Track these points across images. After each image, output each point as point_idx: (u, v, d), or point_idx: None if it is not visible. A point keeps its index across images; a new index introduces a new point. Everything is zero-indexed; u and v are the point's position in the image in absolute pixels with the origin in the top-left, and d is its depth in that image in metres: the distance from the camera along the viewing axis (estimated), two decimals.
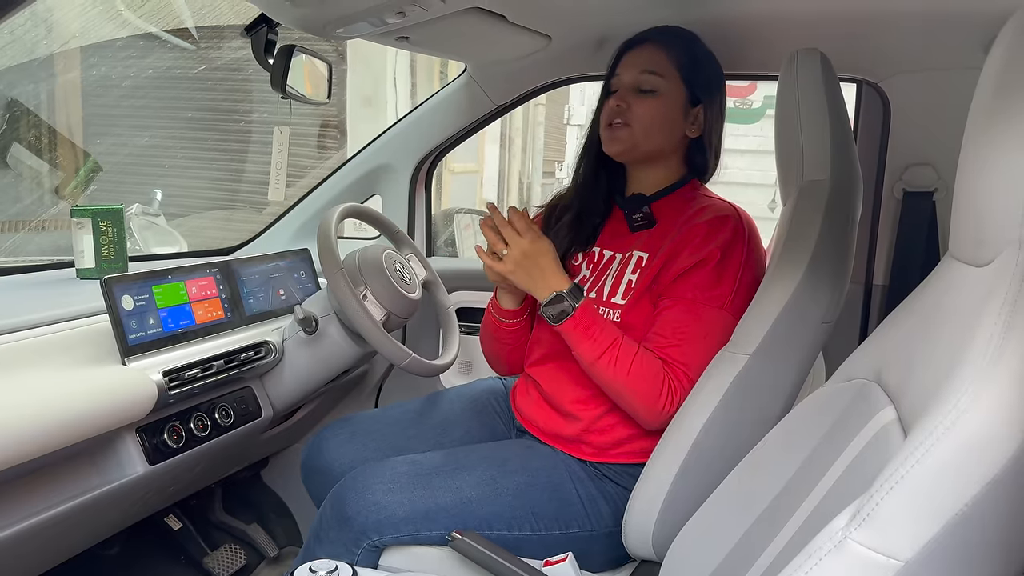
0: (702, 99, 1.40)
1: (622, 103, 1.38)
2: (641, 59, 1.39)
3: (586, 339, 1.28)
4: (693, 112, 1.40)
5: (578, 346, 1.30)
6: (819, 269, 1.22)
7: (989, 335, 0.59)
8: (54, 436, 1.09)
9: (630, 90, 1.39)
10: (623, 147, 1.40)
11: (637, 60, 1.40)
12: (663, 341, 1.30)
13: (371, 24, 1.37)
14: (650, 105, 1.38)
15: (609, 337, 1.28)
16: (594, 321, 1.29)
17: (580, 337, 1.29)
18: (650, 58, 1.39)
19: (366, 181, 2.05)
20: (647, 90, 1.38)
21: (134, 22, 4.54)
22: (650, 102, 1.38)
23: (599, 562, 1.33)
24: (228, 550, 1.92)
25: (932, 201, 1.56)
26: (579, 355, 1.31)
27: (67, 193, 4.38)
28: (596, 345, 1.28)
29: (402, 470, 1.32)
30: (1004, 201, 0.63)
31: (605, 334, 1.29)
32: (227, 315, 1.51)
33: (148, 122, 5.01)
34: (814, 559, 0.62)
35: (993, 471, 0.56)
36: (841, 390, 0.92)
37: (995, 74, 0.66)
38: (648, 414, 1.27)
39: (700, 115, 1.41)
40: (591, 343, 1.28)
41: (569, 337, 1.30)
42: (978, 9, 1.28)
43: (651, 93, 1.38)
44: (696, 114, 1.41)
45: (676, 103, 1.39)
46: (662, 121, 1.38)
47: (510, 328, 1.54)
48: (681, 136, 1.41)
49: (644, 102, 1.38)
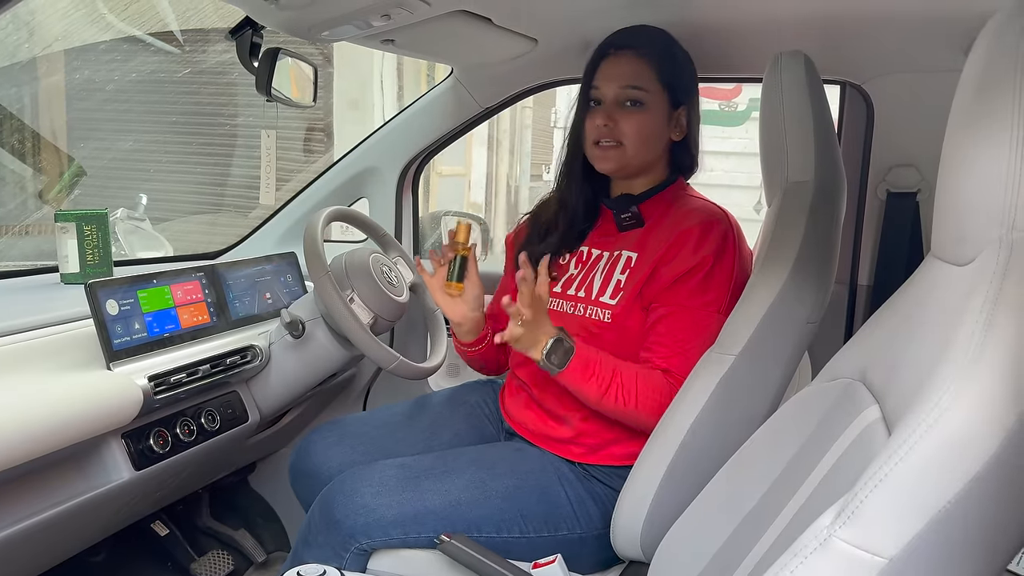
0: (683, 101, 1.41)
1: (609, 122, 1.36)
2: (622, 71, 1.37)
3: (590, 376, 1.26)
4: (675, 115, 1.40)
5: (583, 385, 1.27)
6: (804, 270, 1.23)
7: (970, 333, 0.60)
8: (39, 442, 1.08)
9: (615, 105, 1.37)
10: (616, 165, 1.39)
11: (618, 72, 1.37)
12: (665, 351, 1.30)
13: (356, 27, 1.36)
14: (638, 120, 1.36)
15: (609, 367, 1.27)
16: (591, 355, 1.28)
17: (585, 375, 1.26)
18: (632, 71, 1.36)
19: (353, 184, 2.05)
20: (632, 102, 1.36)
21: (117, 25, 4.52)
22: (637, 117, 1.36)
23: (588, 564, 1.33)
24: (215, 556, 1.91)
25: (915, 202, 1.57)
26: (585, 396, 1.28)
27: (51, 197, 4.35)
28: (600, 381, 1.26)
29: (390, 473, 1.31)
30: (984, 200, 0.64)
31: (604, 366, 1.27)
32: (213, 319, 1.51)
33: (132, 126, 4.98)
34: (799, 558, 0.62)
35: (975, 468, 0.57)
36: (826, 389, 0.93)
37: (974, 75, 0.67)
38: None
39: (682, 117, 1.41)
40: (596, 380, 1.26)
41: (572, 378, 1.27)
42: (958, 13, 1.29)
43: (637, 106, 1.36)
44: (678, 117, 1.41)
45: (661, 112, 1.38)
46: (649, 134, 1.38)
47: (476, 352, 1.56)
48: (667, 142, 1.42)
49: (631, 118, 1.36)
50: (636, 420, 1.29)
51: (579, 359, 1.26)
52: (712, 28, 1.47)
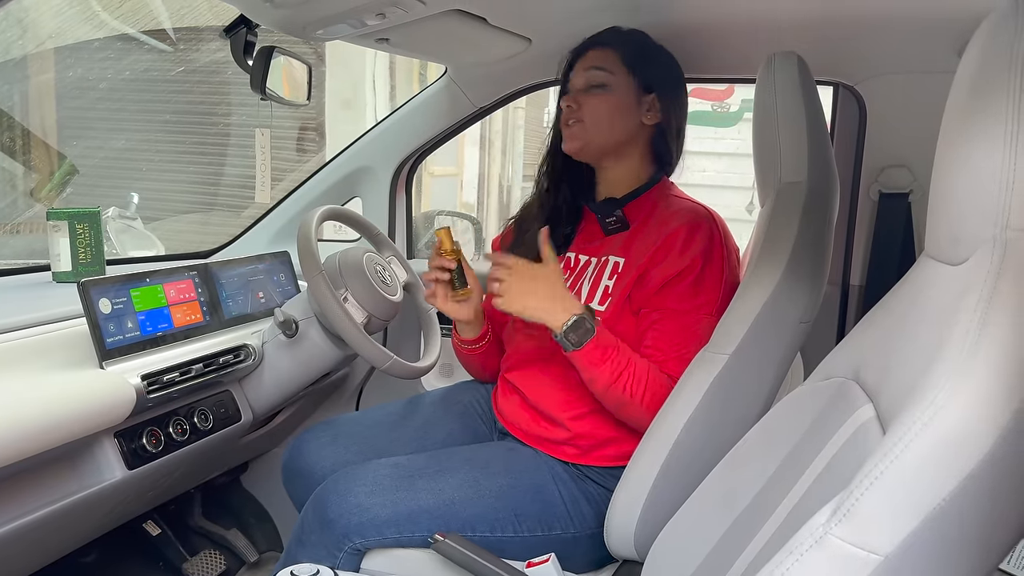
0: (655, 87, 1.42)
1: (573, 103, 1.42)
2: (588, 60, 1.43)
3: (606, 360, 1.25)
4: (647, 100, 1.42)
5: (595, 369, 1.25)
6: (797, 270, 1.23)
7: (965, 331, 0.60)
8: (31, 441, 1.08)
9: (581, 91, 1.42)
10: (580, 143, 1.42)
11: (586, 63, 1.43)
12: (661, 356, 1.30)
13: (351, 26, 1.36)
14: (600, 100, 1.40)
15: (625, 356, 1.26)
16: (610, 341, 1.27)
17: (599, 359, 1.25)
18: (596, 57, 1.42)
19: (346, 184, 2.05)
20: (595, 85, 1.41)
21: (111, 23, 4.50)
22: (599, 96, 1.40)
23: (581, 563, 1.33)
24: (208, 556, 1.91)
25: (907, 202, 1.58)
26: (593, 378, 1.27)
27: (42, 196, 4.33)
28: (615, 366, 1.25)
29: (384, 472, 1.31)
30: (979, 200, 0.64)
31: (622, 354, 1.26)
32: (206, 318, 1.50)
33: (125, 124, 4.96)
34: (795, 555, 0.62)
35: (970, 466, 0.57)
36: (820, 388, 0.93)
37: (969, 75, 0.68)
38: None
39: (655, 102, 1.42)
40: (610, 366, 1.25)
41: (587, 360, 1.25)
42: (950, 14, 1.30)
43: (600, 88, 1.41)
44: (650, 102, 1.42)
45: (626, 93, 1.41)
46: (612, 111, 1.40)
47: (475, 352, 1.56)
48: (638, 123, 1.42)
49: (593, 98, 1.41)
50: (637, 414, 1.28)
51: (598, 342, 1.25)
52: (705, 29, 1.48)
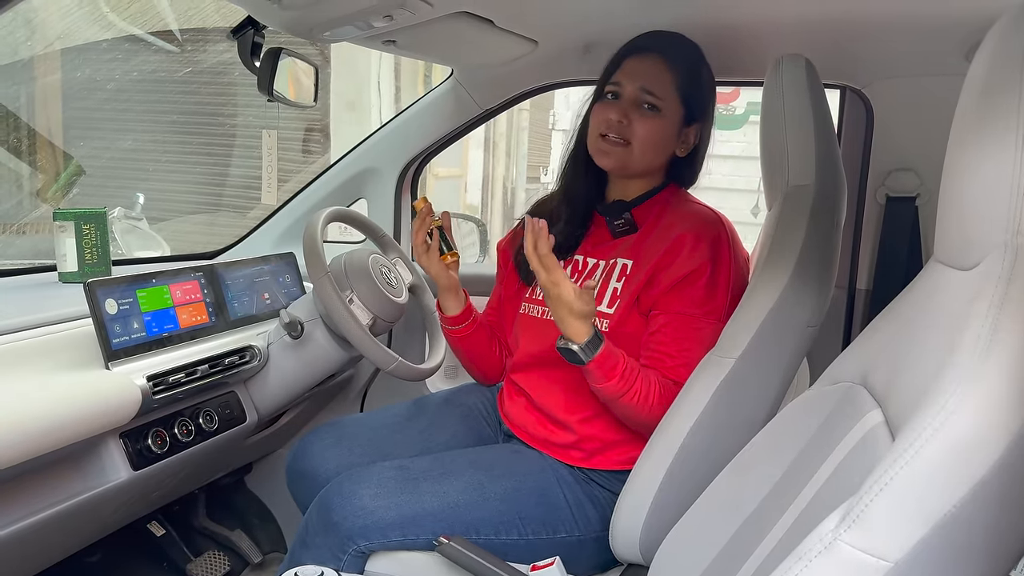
0: (697, 119, 1.40)
1: (624, 119, 1.35)
2: (647, 72, 1.35)
3: (615, 372, 1.24)
4: (685, 132, 1.40)
5: (606, 383, 1.25)
6: (804, 273, 1.23)
7: (976, 337, 0.60)
8: (37, 442, 1.08)
9: (632, 104, 1.36)
10: (618, 163, 1.38)
11: (643, 72, 1.36)
12: (671, 362, 1.29)
13: (358, 28, 1.36)
14: (652, 125, 1.35)
15: (633, 372, 1.26)
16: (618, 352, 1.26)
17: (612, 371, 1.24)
18: (656, 75, 1.35)
19: (352, 185, 2.05)
20: (650, 105, 1.35)
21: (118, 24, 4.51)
22: (652, 122, 1.35)
23: (586, 567, 1.33)
24: (211, 556, 1.91)
25: (914, 206, 1.57)
26: (600, 389, 1.27)
27: (49, 196, 4.35)
28: (623, 381, 1.25)
29: (389, 475, 1.31)
30: (990, 204, 0.64)
31: (629, 366, 1.26)
32: (212, 319, 1.50)
33: (131, 125, 4.98)
34: (804, 561, 0.62)
35: (981, 472, 0.57)
36: (827, 393, 0.92)
37: (979, 79, 0.67)
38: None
39: (692, 135, 1.40)
40: (619, 377, 1.24)
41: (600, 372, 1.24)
42: (959, 18, 1.30)
43: (654, 111, 1.35)
44: (688, 134, 1.40)
45: (674, 123, 1.37)
46: (658, 141, 1.37)
47: (458, 335, 1.55)
48: (670, 155, 1.41)
49: (646, 121, 1.35)
50: (645, 422, 1.28)
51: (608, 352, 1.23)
52: (713, 31, 1.47)
